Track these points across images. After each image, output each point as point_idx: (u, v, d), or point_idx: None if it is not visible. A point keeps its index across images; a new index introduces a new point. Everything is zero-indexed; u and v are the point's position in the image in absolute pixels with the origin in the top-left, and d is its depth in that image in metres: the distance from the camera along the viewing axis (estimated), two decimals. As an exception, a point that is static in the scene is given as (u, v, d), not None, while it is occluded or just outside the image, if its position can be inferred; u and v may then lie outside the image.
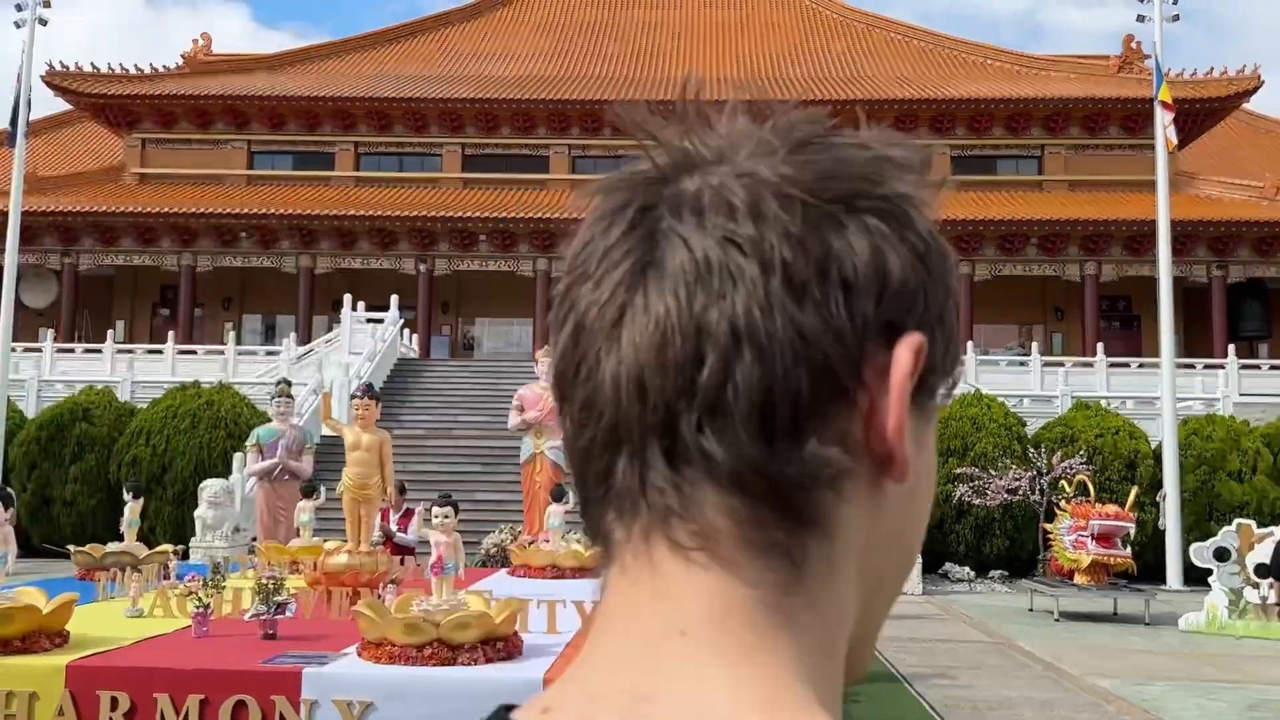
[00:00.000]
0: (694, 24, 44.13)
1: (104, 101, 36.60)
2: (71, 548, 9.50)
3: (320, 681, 4.90)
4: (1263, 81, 32.52)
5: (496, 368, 28.57)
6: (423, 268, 33.32)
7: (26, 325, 29.36)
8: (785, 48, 41.38)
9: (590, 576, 8.11)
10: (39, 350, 27.13)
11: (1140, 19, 17.66)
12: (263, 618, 5.87)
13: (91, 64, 36.66)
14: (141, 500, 9.45)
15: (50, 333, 28.79)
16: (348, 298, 28.30)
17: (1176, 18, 17.24)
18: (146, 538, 13.96)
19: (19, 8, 19.61)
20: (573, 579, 8.70)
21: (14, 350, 22.58)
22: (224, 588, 6.52)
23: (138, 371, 26.20)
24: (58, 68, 35.54)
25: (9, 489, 8.77)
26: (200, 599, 6.04)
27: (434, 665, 4.97)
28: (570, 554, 9.09)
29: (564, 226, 32.46)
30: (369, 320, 27.48)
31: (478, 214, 32.73)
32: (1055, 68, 39.41)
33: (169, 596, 6.71)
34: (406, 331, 29.33)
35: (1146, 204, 29.53)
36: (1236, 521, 14.82)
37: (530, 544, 10.92)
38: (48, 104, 36.01)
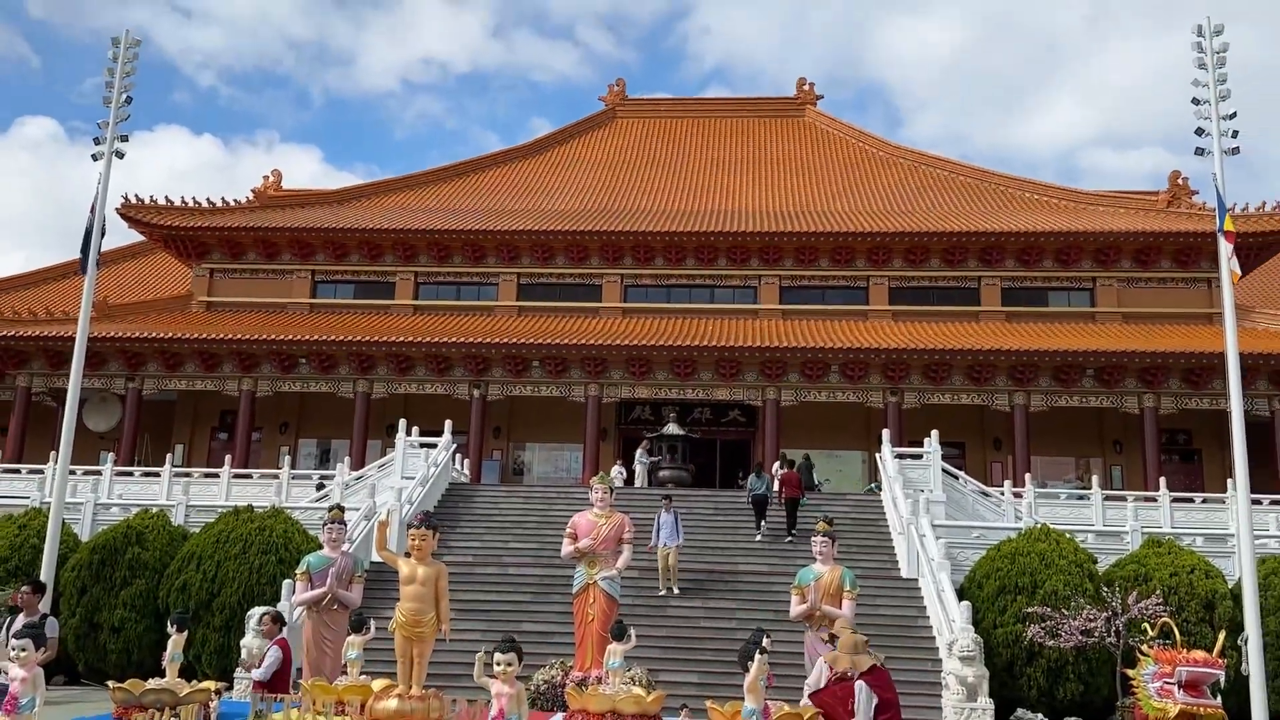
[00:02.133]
0: (745, 159, 44.84)
1: (174, 233, 37.56)
2: (110, 684, 8.97)
3: None
4: (1317, 216, 32.28)
5: (546, 493, 28.22)
6: (476, 393, 33.35)
7: (89, 448, 29.53)
8: (833, 183, 41.83)
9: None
10: (99, 473, 27.17)
11: (1199, 152, 17.32)
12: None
13: (165, 197, 37.69)
14: (185, 633, 8.91)
15: (111, 455, 28.90)
16: (402, 422, 28.17)
17: (1236, 150, 16.92)
18: (191, 667, 13.50)
19: (97, 140, 19.96)
20: (631, 727, 8.07)
21: (73, 473, 22.45)
22: (263, 734, 5.95)
23: (193, 495, 26.12)
24: (133, 201, 36.56)
25: (44, 622, 8.31)
26: (237, 753, 5.49)
27: (487, 843, 4.38)
28: (632, 699, 8.38)
29: (615, 352, 32.49)
30: (422, 445, 27.35)
31: (531, 340, 32.77)
32: (1102, 203, 39.56)
33: (206, 745, 6.15)
34: (459, 456, 29.12)
35: (1201, 336, 28.91)
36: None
37: (582, 682, 10.27)
38: (122, 235, 36.78)
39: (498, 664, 5.81)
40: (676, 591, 20.10)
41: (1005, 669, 18.88)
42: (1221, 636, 16.29)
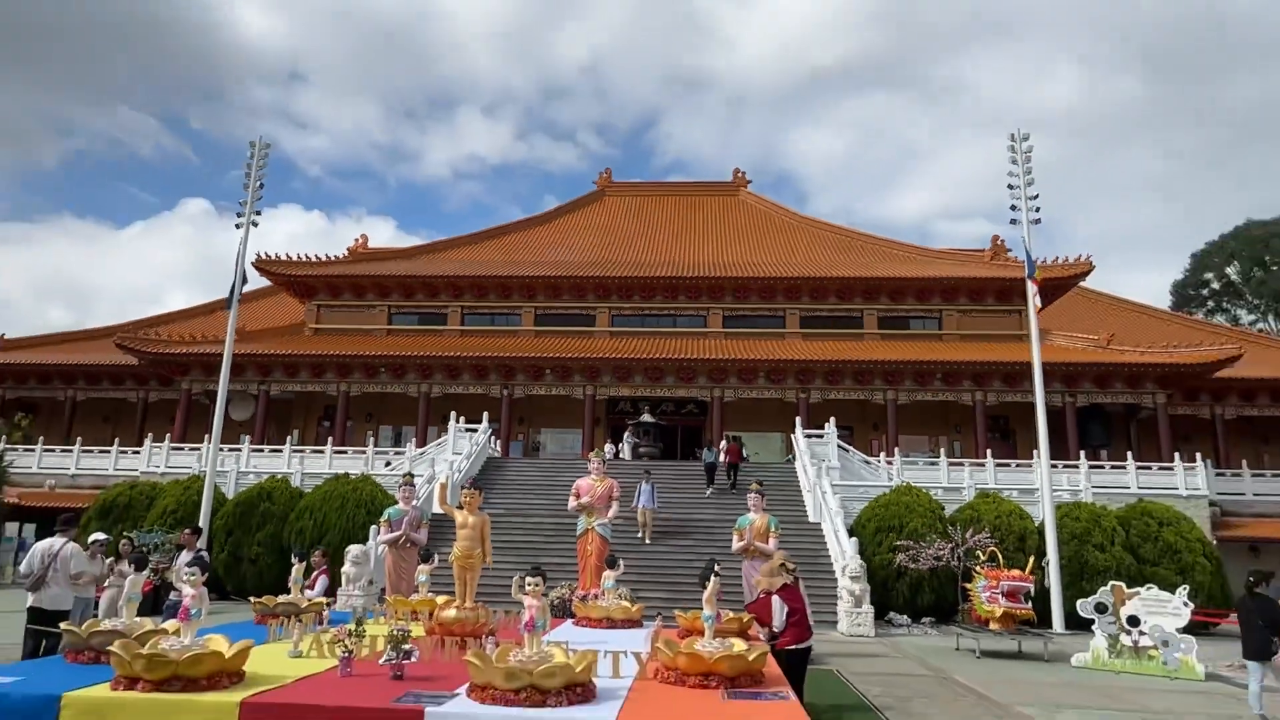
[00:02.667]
0: (697, 226, 45.10)
1: (292, 279, 37.53)
2: (251, 599, 9.03)
3: (439, 718, 4.41)
4: (1094, 266, 32.81)
5: (555, 465, 28.25)
6: (505, 393, 33.39)
7: (232, 432, 29.36)
8: (759, 243, 42.11)
9: (634, 628, 7.51)
10: (239, 450, 27.20)
11: (1012, 222, 17.77)
12: (393, 662, 5.40)
13: (286, 254, 37.67)
14: (304, 563, 8.99)
15: (247, 438, 28.85)
16: (453, 414, 28.27)
17: (1038, 220, 17.44)
18: (306, 591, 13.59)
19: (238, 215, 20.03)
20: (623, 629, 8.21)
21: (221, 450, 22.43)
22: (364, 635, 6.04)
23: (306, 466, 26.11)
24: (263, 256, 36.49)
25: (204, 555, 8.39)
26: (346, 645, 5.59)
27: (528, 707, 4.49)
28: (621, 609, 8.54)
29: (604, 363, 32.32)
30: (467, 430, 27.48)
31: (544, 355, 32.99)
32: (946, 257, 40.00)
33: (322, 641, 6.24)
34: (493, 438, 29.20)
35: (1015, 350, 29.36)
36: (1111, 583, 14.16)
37: (584, 598, 10.40)
38: (255, 281, 36.71)
39: (529, 584, 5.89)
40: (648, 541, 20.51)
41: (881, 585, 19.12)
42: (1031, 561, 16.66)
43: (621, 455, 29.88)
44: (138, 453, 31.00)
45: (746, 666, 5.42)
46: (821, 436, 26.33)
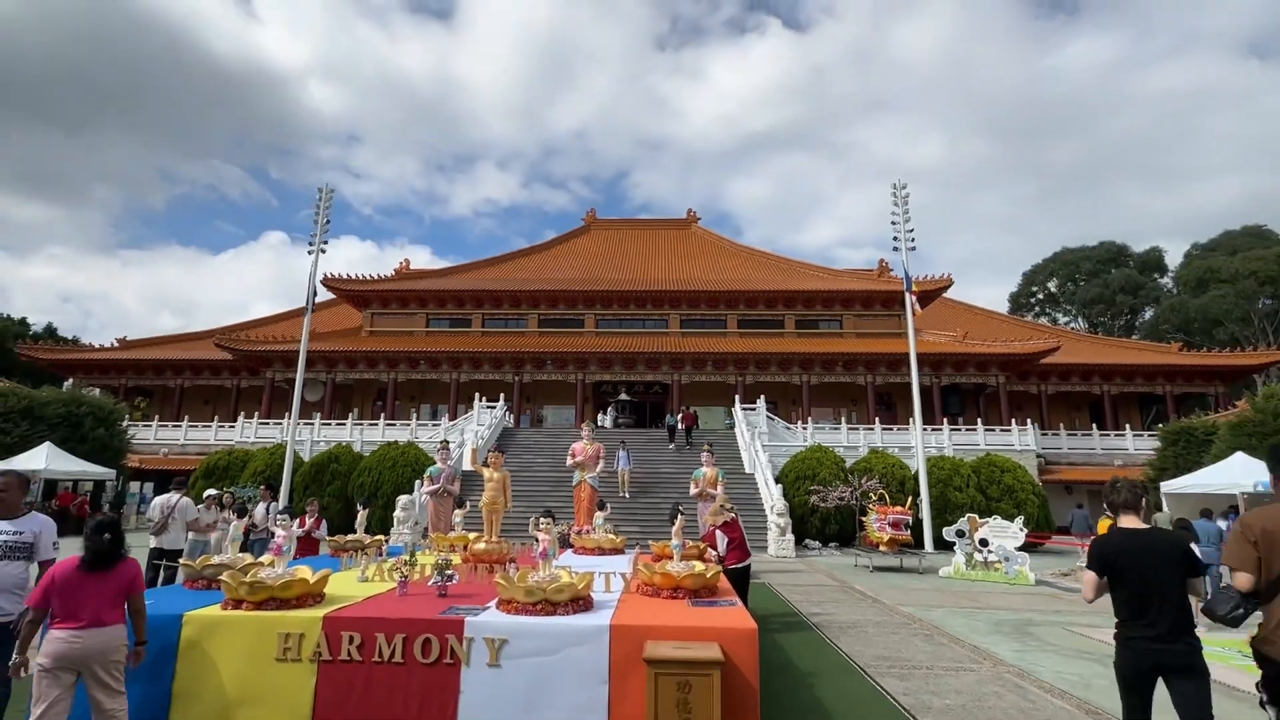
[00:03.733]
0: (660, 251, 44.85)
1: (351, 293, 36.71)
2: (325, 537, 8.87)
3: (475, 626, 4.41)
4: (953, 282, 33.28)
5: (555, 433, 28.04)
6: (516, 379, 33.01)
7: (306, 411, 28.79)
8: (707, 264, 42.04)
9: (619, 555, 7.45)
10: (312, 423, 26.57)
11: (895, 250, 17.94)
12: (438, 584, 5.35)
13: (347, 274, 36.85)
14: (368, 509, 8.87)
15: (318, 415, 28.19)
16: (477, 395, 27.92)
17: (914, 248, 17.67)
18: (369, 530, 13.40)
19: (310, 244, 19.55)
20: (610, 556, 8.20)
21: (299, 423, 22.01)
22: (415, 564, 5.97)
23: (364, 435, 25.65)
24: (329, 275, 35.68)
25: (289, 507, 8.22)
26: (403, 572, 5.52)
27: (542, 616, 4.49)
28: (609, 540, 8.54)
29: (591, 356, 32.04)
30: (487, 407, 27.13)
31: (546, 350, 32.62)
32: (843, 276, 40.18)
33: (383, 569, 6.16)
34: (508, 413, 28.90)
35: (897, 344, 29.70)
36: (967, 515, 14.43)
37: (580, 534, 10.36)
38: (323, 294, 35.93)
39: (542, 524, 5.86)
40: (627, 495, 20.10)
41: (800, 520, 19.26)
42: (909, 499, 16.92)
43: (604, 425, 29.82)
44: (233, 426, 30.35)
45: (706, 582, 5.45)
46: (754, 409, 26.49)
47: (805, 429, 27.00)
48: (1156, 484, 22.08)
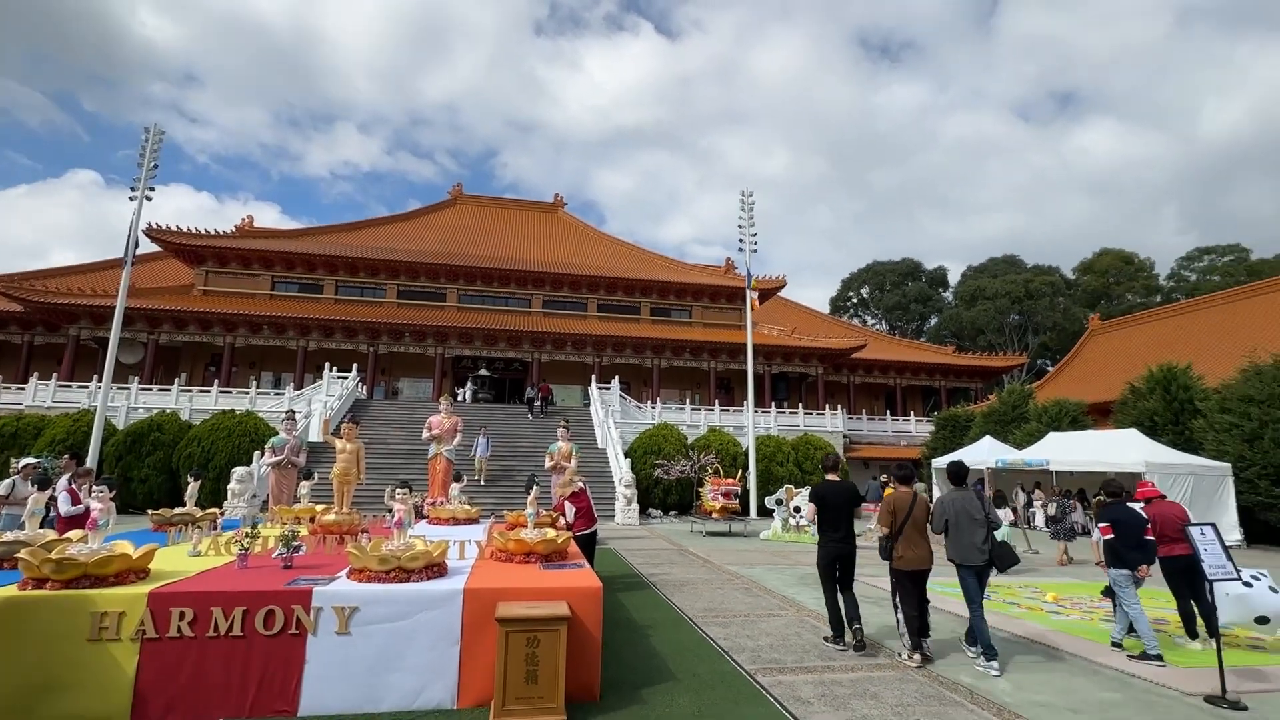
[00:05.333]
0: (527, 234, 43.88)
1: (184, 248, 31.94)
2: (149, 511, 7.86)
3: (324, 595, 4.23)
4: (787, 283, 35.98)
5: (411, 406, 26.71)
6: (371, 349, 30.85)
7: (121, 374, 24.79)
8: (572, 249, 41.82)
9: (473, 524, 7.39)
10: (128, 388, 22.90)
11: (740, 250, 19.10)
12: (283, 556, 5.01)
13: (177, 226, 31.97)
14: (199, 481, 7.97)
15: (136, 379, 24.33)
16: (327, 365, 25.80)
17: (756, 250, 18.95)
18: (199, 504, 11.94)
19: (131, 189, 16.85)
20: (465, 525, 8.09)
21: (112, 388, 18.95)
22: (258, 535, 5.54)
23: (194, 403, 22.64)
24: (155, 226, 30.77)
25: (110, 477, 7.18)
26: (243, 544, 5.09)
27: (396, 583, 4.39)
28: (464, 511, 8.40)
29: (452, 331, 30.87)
30: (338, 377, 25.17)
31: (404, 322, 30.73)
32: (697, 270, 41.84)
33: (219, 542, 5.63)
34: (360, 384, 27.00)
35: (737, 335, 31.63)
36: (785, 486, 15.84)
37: (435, 504, 10.07)
38: (145, 246, 30.96)
39: (399, 494, 5.68)
40: (483, 483, 18.68)
41: (645, 490, 20.01)
42: (740, 473, 18.27)
43: (463, 400, 28.89)
44: (22, 389, 25.32)
45: (557, 547, 5.60)
46: (609, 389, 27.02)
47: (655, 408, 28.02)
48: (929, 459, 25.74)
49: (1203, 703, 4.85)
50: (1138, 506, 6.87)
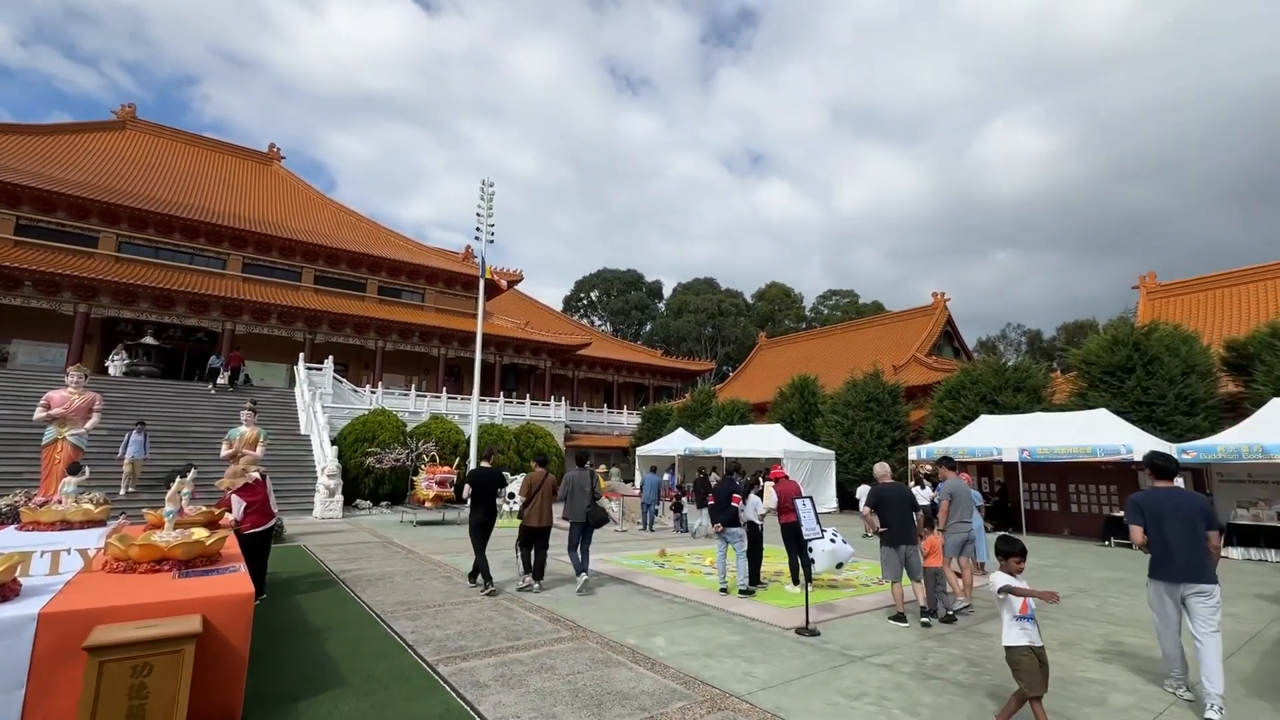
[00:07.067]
0: (232, 182, 36.13)
1: None
2: None
3: None
4: (523, 277, 36.08)
5: (30, 376, 19.92)
6: (-35, 298, 22.14)
7: None
8: (289, 209, 35.74)
9: (97, 527, 5.75)
10: None
11: (477, 239, 18.51)
12: None
13: None
14: None
15: None
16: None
17: (493, 240, 18.53)
18: None
19: None
20: (80, 530, 6.17)
21: None
22: None
23: None
24: None
25: None
26: None
27: (-85, 617, 3.07)
28: (80, 511, 6.39)
29: (104, 285, 24.12)
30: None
31: (26, 266, 22.63)
32: (431, 253, 39.35)
33: None
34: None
35: (470, 323, 30.72)
36: (504, 474, 15.74)
37: (43, 504, 7.58)
38: None
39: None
40: (131, 489, 14.16)
41: (354, 481, 18.22)
42: (457, 461, 17.67)
43: (111, 373, 22.52)
44: None
45: (203, 550, 4.60)
46: (321, 369, 23.80)
47: (375, 393, 25.56)
48: (635, 448, 28.37)
49: (794, 634, 6.12)
50: (769, 485, 8.50)
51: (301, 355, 24.79)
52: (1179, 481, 6.73)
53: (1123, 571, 10.18)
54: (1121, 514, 8.75)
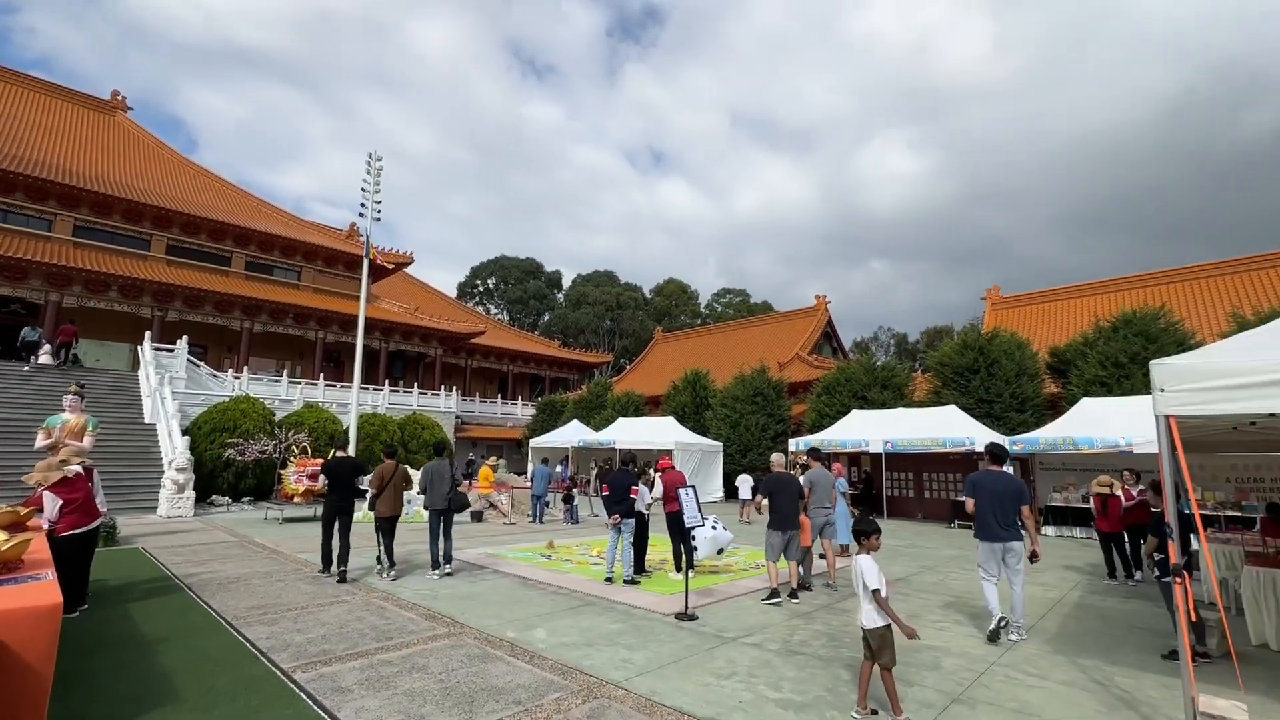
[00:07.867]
0: (61, 130, 30.95)
1: None
2: None
3: None
4: (414, 260, 34.16)
5: None
6: None
7: None
8: (135, 167, 31.23)
9: None
10: None
11: (361, 215, 17.20)
12: None
13: None
14: None
15: None
16: None
17: (379, 218, 17.28)
18: None
19: None
20: None
21: None
22: None
23: None
24: None
25: None
26: None
27: None
28: None
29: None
30: None
31: None
32: (310, 228, 36.18)
33: None
34: None
35: (353, 306, 28.68)
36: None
37: None
38: None
39: None
40: None
41: (210, 475, 16.46)
42: (331, 453, 16.39)
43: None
44: None
45: (-4, 557, 3.91)
46: (172, 351, 21.14)
47: (239, 379, 23.12)
48: (529, 439, 27.87)
49: (674, 620, 6.28)
50: (657, 475, 8.70)
51: (148, 334, 21.86)
52: (1008, 467, 7.93)
53: (965, 550, 11.46)
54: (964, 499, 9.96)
